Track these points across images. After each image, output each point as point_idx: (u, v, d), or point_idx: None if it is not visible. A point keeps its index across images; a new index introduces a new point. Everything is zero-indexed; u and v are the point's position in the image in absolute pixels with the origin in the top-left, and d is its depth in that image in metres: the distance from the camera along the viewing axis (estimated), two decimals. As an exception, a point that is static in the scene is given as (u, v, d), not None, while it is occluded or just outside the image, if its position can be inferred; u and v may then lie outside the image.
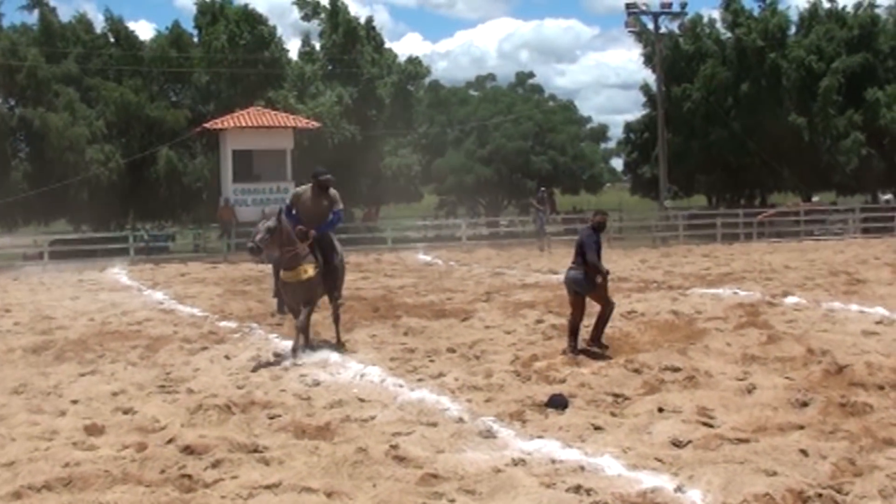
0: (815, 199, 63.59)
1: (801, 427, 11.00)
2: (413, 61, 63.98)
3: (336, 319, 18.11)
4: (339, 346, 17.39)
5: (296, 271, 16.57)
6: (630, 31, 62.46)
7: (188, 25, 58.79)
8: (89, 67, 53.63)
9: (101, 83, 52.89)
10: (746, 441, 10.43)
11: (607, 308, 16.31)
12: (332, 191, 17.33)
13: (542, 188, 52.55)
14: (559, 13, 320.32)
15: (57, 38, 53.76)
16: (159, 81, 56.21)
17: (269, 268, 38.22)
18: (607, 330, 17.84)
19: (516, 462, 9.99)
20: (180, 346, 18.20)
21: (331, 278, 17.33)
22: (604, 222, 16.81)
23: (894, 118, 58.12)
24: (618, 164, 76.13)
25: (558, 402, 12.59)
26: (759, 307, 20.72)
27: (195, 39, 57.93)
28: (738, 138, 57.32)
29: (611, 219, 55.96)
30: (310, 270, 16.61)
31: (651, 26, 59.60)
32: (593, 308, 16.51)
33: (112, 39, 56.75)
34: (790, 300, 22.12)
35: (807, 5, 64.25)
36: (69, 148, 49.03)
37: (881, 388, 12.66)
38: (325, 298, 17.96)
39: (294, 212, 17.15)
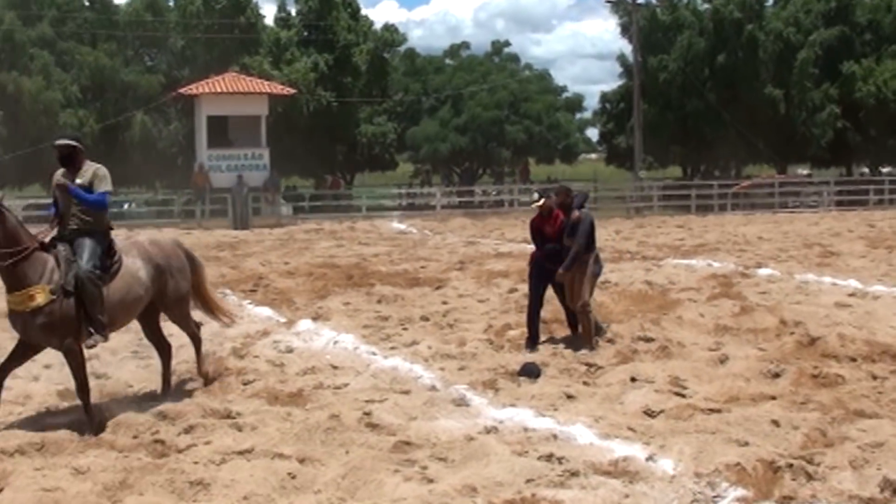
0: (804, 171, 63.35)
1: (773, 398, 11.05)
2: (389, 29, 63.88)
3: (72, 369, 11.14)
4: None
5: (20, 296, 10.65)
6: (607, 1, 62.58)
7: (164, -11, 58.46)
8: (64, 31, 53.31)
9: (76, 47, 52.60)
10: (718, 411, 10.47)
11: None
12: (90, 165, 11.33)
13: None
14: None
15: (32, 1, 53.37)
16: (134, 46, 55.97)
17: (242, 234, 38.35)
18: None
19: (489, 430, 10.02)
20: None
21: (88, 299, 10.86)
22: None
23: (870, 91, 58.21)
24: (593, 134, 76.21)
25: (531, 371, 12.62)
26: (733, 278, 20.81)
27: (171, 3, 57.62)
28: (714, 110, 57.33)
29: (586, 189, 56.25)
30: (38, 297, 10.59)
31: (628, -4, 59.63)
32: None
33: (87, 3, 56.41)
34: (763, 272, 22.20)
35: (785, -23, 64.28)
36: (43, 112, 48.79)
37: (853, 359, 12.72)
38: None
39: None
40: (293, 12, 61.05)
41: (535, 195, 14.82)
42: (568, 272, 14.00)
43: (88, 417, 10.66)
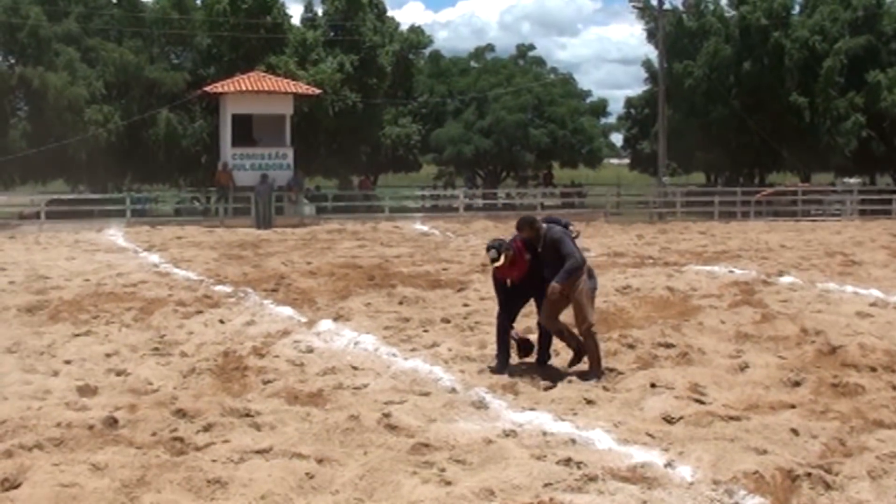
0: (851, 180, 62.98)
1: (793, 406, 11.03)
2: (415, 30, 63.89)
3: None
4: None
5: None
6: (633, 7, 62.44)
7: (190, -13, 58.48)
8: (90, 27, 53.37)
9: (102, 44, 52.64)
10: (738, 419, 10.45)
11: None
12: None
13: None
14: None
15: (58, -3, 53.51)
16: (160, 43, 55.96)
17: (266, 233, 38.39)
18: (600, 304, 17.89)
19: (508, 433, 10.02)
20: (175, 308, 18.20)
21: None
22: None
23: (895, 101, 57.98)
24: (617, 139, 76.24)
25: (525, 346, 13.01)
26: (754, 286, 20.74)
27: (197, 2, 57.71)
28: (739, 116, 57.16)
29: (609, 194, 56.27)
30: None
31: (654, 2, 59.52)
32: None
33: (114, 0, 56.52)
34: (785, 279, 22.14)
35: (811, -15, 64.04)
36: (68, 108, 48.82)
37: (873, 369, 12.68)
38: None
39: None
40: (319, 13, 61.10)
41: (493, 252, 12.93)
42: (562, 287, 12.51)
43: None
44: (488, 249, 12.98)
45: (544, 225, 12.98)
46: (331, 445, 9.66)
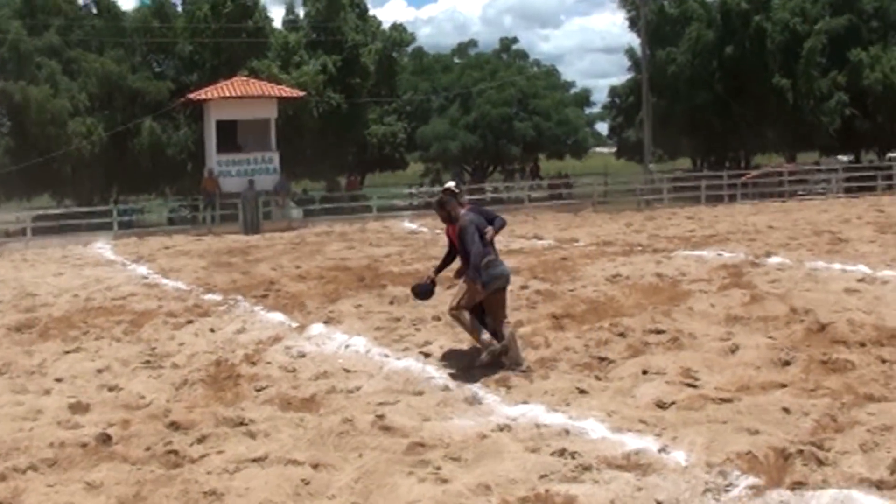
0: (843, 158, 63.17)
1: (784, 385, 11.07)
2: (397, 28, 63.89)
3: None
4: None
5: None
6: (614, -5, 62.54)
7: (171, -5, 58.38)
8: (71, 39, 53.24)
9: (83, 55, 52.55)
10: (730, 401, 10.49)
11: None
12: None
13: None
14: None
15: (38, 10, 53.32)
16: (142, 52, 55.89)
17: (253, 239, 38.34)
18: (590, 293, 17.92)
19: (501, 428, 10.05)
20: (165, 320, 18.17)
21: None
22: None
23: (878, 79, 58.19)
24: (603, 128, 76.38)
25: (423, 290, 13.49)
26: (743, 268, 20.79)
27: (178, 9, 57.67)
28: (723, 101, 57.31)
29: (596, 183, 56.34)
30: None
31: (636, -10, 59.60)
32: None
33: (94, 10, 56.42)
34: (774, 260, 22.18)
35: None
36: (51, 121, 48.74)
37: (862, 344, 12.73)
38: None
39: None
40: (301, 14, 61.11)
41: (451, 183, 13.55)
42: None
43: None
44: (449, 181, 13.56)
45: (461, 211, 13.07)
46: (326, 450, 9.67)
